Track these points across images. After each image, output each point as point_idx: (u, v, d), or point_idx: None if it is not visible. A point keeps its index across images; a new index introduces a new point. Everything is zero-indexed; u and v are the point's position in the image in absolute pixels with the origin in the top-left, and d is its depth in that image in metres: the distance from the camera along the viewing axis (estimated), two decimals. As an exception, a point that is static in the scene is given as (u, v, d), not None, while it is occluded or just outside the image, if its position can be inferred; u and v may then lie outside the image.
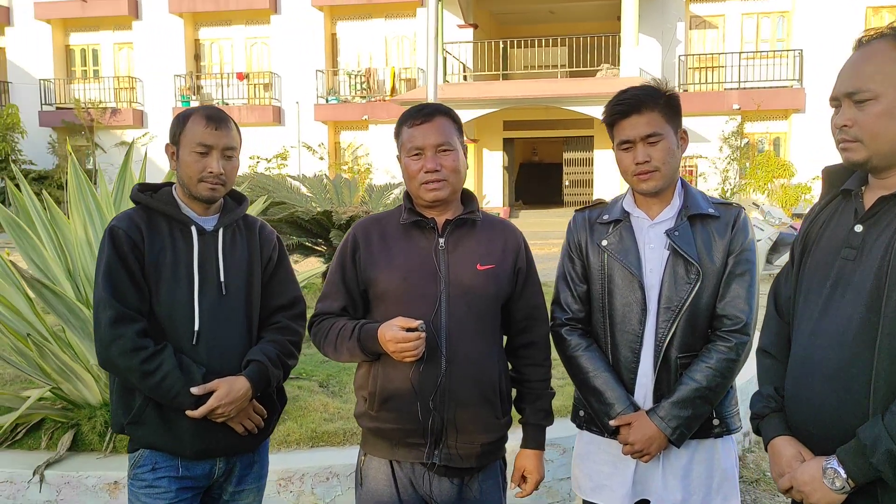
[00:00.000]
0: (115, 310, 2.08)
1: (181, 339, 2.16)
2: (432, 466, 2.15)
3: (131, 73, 24.03)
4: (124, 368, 2.10)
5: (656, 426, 2.20)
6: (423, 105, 2.23)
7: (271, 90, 22.89)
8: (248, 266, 2.30)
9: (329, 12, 22.47)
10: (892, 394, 1.57)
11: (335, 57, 22.99)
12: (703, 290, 2.22)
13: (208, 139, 2.18)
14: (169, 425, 2.16)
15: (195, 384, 2.11)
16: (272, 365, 2.24)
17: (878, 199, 1.69)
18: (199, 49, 23.91)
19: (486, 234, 2.23)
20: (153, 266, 2.15)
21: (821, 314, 1.73)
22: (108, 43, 24.36)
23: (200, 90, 23.52)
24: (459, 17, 20.91)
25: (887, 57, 1.64)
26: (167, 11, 22.99)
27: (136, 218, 2.18)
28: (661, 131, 2.21)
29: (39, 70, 24.21)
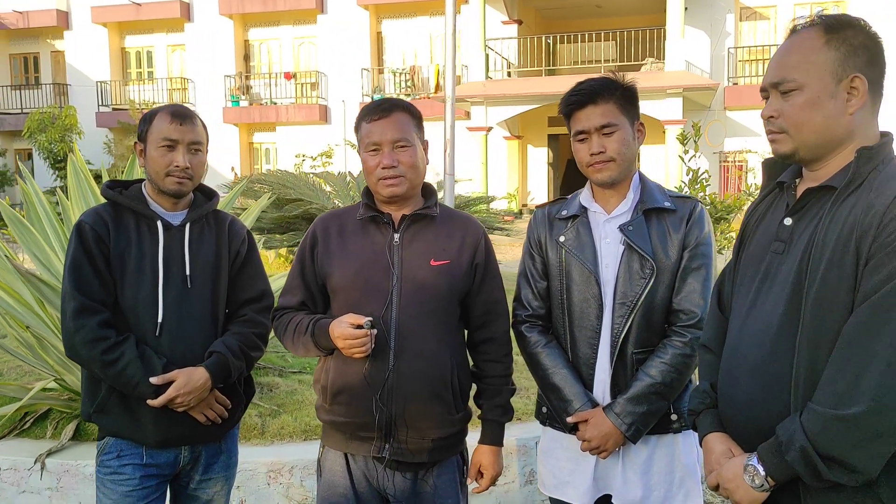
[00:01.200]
0: (79, 301, 2.15)
1: (145, 330, 2.22)
2: (383, 460, 2.16)
3: (183, 75, 24.60)
4: (87, 358, 2.17)
5: (612, 423, 2.18)
6: (383, 100, 2.24)
7: (318, 89, 23.17)
8: (215, 260, 2.34)
9: (374, 11, 22.63)
10: (811, 390, 1.52)
11: (380, 55, 23.15)
12: (658, 285, 2.19)
13: (174, 134, 2.24)
14: (132, 414, 2.22)
15: (155, 374, 2.17)
16: (233, 356, 2.29)
17: (805, 191, 1.64)
18: (248, 49, 24.34)
19: (444, 229, 2.23)
20: (118, 259, 2.22)
21: (749, 309, 1.69)
22: (161, 45, 24.99)
23: (249, 90, 23.94)
24: (504, 14, 20.83)
25: (813, 46, 1.59)
26: (218, 13, 23.45)
27: (102, 213, 2.25)
28: (615, 122, 2.19)
29: (96, 72, 24.97)
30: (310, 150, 21.93)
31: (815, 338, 1.53)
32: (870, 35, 1.60)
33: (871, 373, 1.43)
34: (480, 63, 19.25)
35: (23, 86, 26.24)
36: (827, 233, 1.54)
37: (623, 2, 20.77)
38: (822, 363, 1.52)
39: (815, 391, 1.51)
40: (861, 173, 1.56)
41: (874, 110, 1.62)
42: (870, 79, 1.58)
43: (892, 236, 1.44)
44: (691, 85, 17.34)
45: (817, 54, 1.59)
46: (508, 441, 3.53)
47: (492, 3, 20.22)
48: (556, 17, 22.86)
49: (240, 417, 2.46)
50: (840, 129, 1.59)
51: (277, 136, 23.56)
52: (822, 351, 1.52)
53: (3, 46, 26.37)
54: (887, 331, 1.43)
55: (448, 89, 5.87)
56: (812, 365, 1.54)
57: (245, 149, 24.11)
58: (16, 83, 26.45)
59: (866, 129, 1.60)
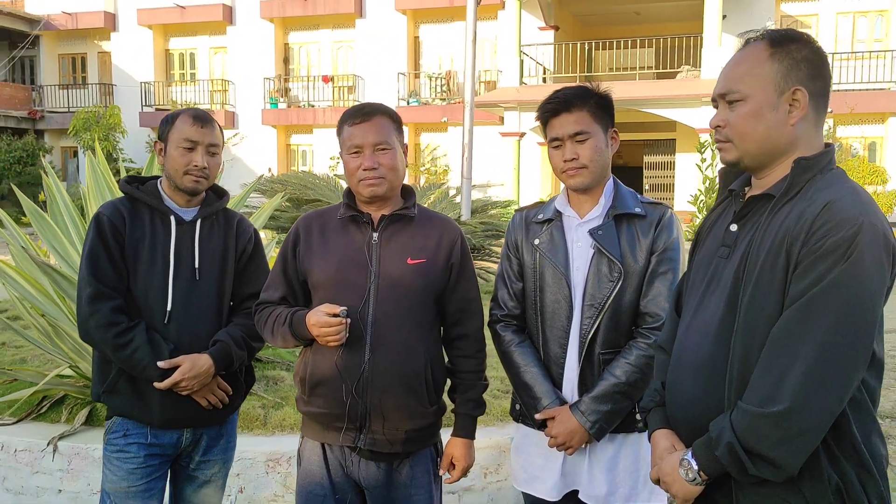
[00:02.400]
0: (94, 287, 2.32)
1: (154, 317, 2.37)
2: (357, 450, 2.26)
3: (224, 76, 25.09)
4: (99, 341, 2.33)
5: (577, 420, 2.25)
6: (364, 104, 2.33)
7: (355, 92, 23.44)
8: (222, 255, 2.50)
9: (412, 16, 22.84)
10: (743, 389, 1.59)
11: (417, 59, 23.34)
12: (625, 288, 2.26)
13: (195, 136, 2.39)
14: (140, 395, 2.37)
15: (163, 359, 2.32)
16: (236, 346, 2.44)
17: (748, 198, 1.71)
18: (288, 53, 24.73)
19: (422, 229, 2.32)
20: (132, 249, 2.37)
21: (694, 311, 1.76)
22: (204, 47, 25.52)
23: (288, 92, 24.32)
24: (540, 20, 20.86)
25: (758, 59, 1.66)
26: (259, 17, 23.89)
27: (120, 206, 2.41)
28: (588, 130, 2.26)
29: (141, 73, 25.59)
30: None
31: (747, 339, 1.60)
32: (814, 49, 1.66)
33: (793, 373, 1.49)
34: (515, 68, 19.31)
35: (70, 85, 27.00)
36: (763, 239, 1.61)
37: (661, 9, 20.66)
38: (753, 364, 1.58)
39: (745, 390, 1.58)
40: (797, 182, 1.62)
41: (818, 122, 1.68)
42: (812, 92, 1.64)
43: (818, 243, 1.50)
44: (727, 93, 17.14)
45: (761, 67, 1.65)
46: (503, 440, 3.61)
47: (528, 8, 20.27)
48: (594, 23, 22.81)
49: (239, 404, 2.61)
50: (782, 140, 1.65)
51: (314, 138, 23.89)
52: (754, 352, 1.59)
53: (52, 47, 27.16)
54: (810, 334, 1.49)
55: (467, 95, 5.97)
56: (744, 365, 1.60)
57: (283, 150, 24.49)
58: (64, 83, 27.23)
59: (809, 140, 1.66)
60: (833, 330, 1.48)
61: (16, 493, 3.59)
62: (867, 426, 1.57)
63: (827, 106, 1.69)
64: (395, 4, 22.46)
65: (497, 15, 21.66)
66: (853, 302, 1.47)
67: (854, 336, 1.48)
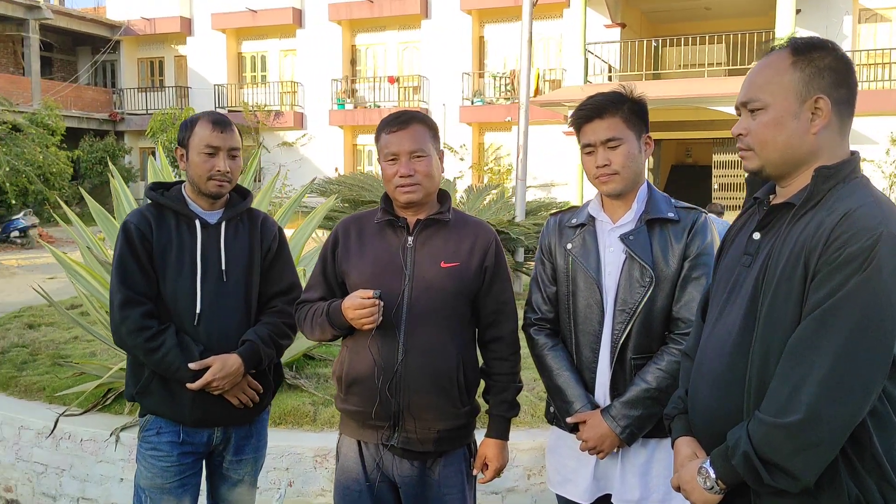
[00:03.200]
0: (124, 294, 2.39)
1: (184, 320, 2.45)
2: (392, 448, 2.32)
3: (294, 78, 25.61)
4: (132, 345, 2.41)
5: (608, 425, 2.26)
6: (401, 112, 2.40)
7: (420, 93, 23.63)
8: (248, 255, 2.55)
9: (477, 16, 22.87)
10: (761, 399, 1.58)
11: (482, 59, 23.36)
12: (657, 293, 2.26)
13: (215, 141, 2.45)
14: (172, 395, 2.45)
15: (193, 360, 2.39)
16: (264, 344, 2.50)
17: (770, 207, 1.70)
18: (355, 54, 25.08)
19: (456, 233, 2.37)
20: (160, 255, 2.44)
21: (716, 319, 1.76)
22: (274, 50, 26.10)
23: (355, 93, 24.67)
24: (607, 17, 20.60)
25: (780, 67, 1.65)
26: (327, 19, 24.28)
27: (146, 213, 2.49)
28: (620, 136, 2.27)
29: (214, 76, 26.34)
30: (410, 152, 22.46)
31: (766, 349, 1.60)
32: (838, 57, 1.64)
33: (808, 384, 1.49)
34: (580, 67, 19.13)
35: (148, 88, 27.98)
36: (782, 248, 1.61)
37: (732, 4, 20.15)
38: (771, 374, 1.58)
39: (763, 400, 1.58)
40: (818, 191, 1.60)
41: (842, 130, 1.66)
42: (835, 100, 1.63)
43: (836, 253, 1.49)
44: (800, 90, 16.63)
45: (783, 75, 1.64)
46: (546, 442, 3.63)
47: (594, 6, 20.04)
48: (663, 20, 22.40)
49: (269, 402, 2.67)
50: (803, 148, 1.64)
51: (380, 139, 24.13)
52: (772, 362, 1.58)
53: (131, 51, 28.21)
54: (826, 345, 1.48)
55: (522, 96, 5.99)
56: (762, 375, 1.60)
57: (349, 150, 24.86)
58: (142, 86, 28.24)
59: (832, 149, 1.65)
60: (849, 341, 1.47)
61: (81, 481, 3.79)
62: (890, 438, 1.55)
63: (852, 114, 1.67)
64: (460, 5, 22.53)
65: (562, 13, 21.52)
66: (870, 313, 1.46)
67: (871, 347, 1.47)
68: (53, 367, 4.55)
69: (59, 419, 3.72)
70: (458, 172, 21.53)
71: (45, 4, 25.71)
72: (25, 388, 4.32)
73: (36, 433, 3.88)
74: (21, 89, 24.51)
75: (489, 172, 21.84)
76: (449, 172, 21.81)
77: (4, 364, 4.74)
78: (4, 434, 4.01)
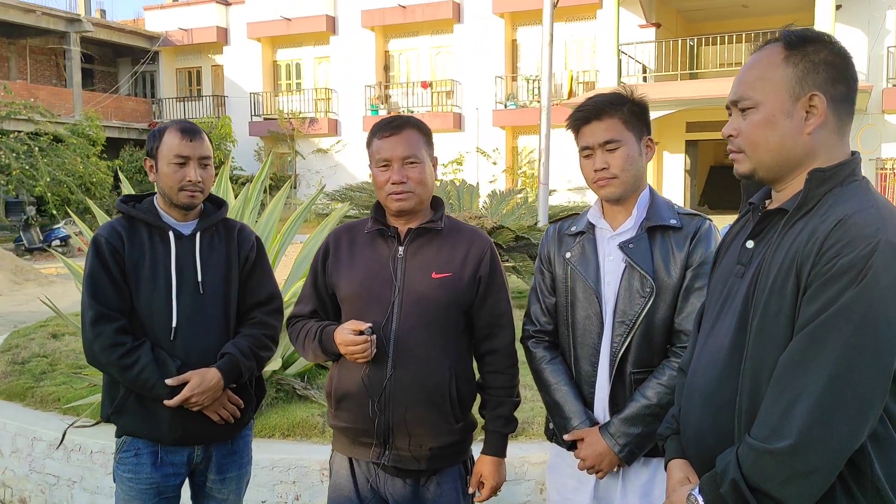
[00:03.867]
0: (95, 310, 2.31)
1: (160, 335, 2.35)
2: (383, 466, 2.24)
3: (328, 85, 25.77)
4: (105, 363, 2.31)
5: (606, 443, 2.15)
6: (394, 117, 2.31)
7: (453, 97, 23.59)
8: (225, 266, 2.46)
9: (510, 19, 22.76)
10: (752, 421, 1.46)
11: (515, 62, 23.24)
12: (658, 304, 2.15)
13: (184, 150, 2.36)
14: (148, 414, 2.35)
15: (170, 376, 2.29)
16: (243, 357, 2.40)
17: (763, 214, 1.58)
18: (388, 60, 25.15)
19: (449, 242, 2.29)
20: (133, 269, 2.36)
21: (708, 333, 1.65)
22: (308, 57, 26.31)
23: (388, 99, 24.73)
24: (641, 17, 20.34)
25: (771, 62, 1.54)
26: (360, 26, 24.41)
27: (117, 226, 2.40)
28: (619, 138, 2.17)
29: (250, 84, 26.64)
30: (443, 157, 22.44)
31: (757, 367, 1.48)
32: (835, 51, 1.52)
33: (799, 407, 1.37)
34: (613, 68, 18.90)
35: (186, 98, 28.41)
36: (773, 258, 1.49)
37: (770, 0, 19.75)
38: (762, 393, 1.46)
39: (753, 423, 1.46)
40: (813, 196, 1.48)
41: (840, 130, 1.53)
42: (832, 97, 1.50)
43: (829, 264, 1.37)
44: (841, 87, 16.20)
45: (774, 71, 1.53)
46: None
47: (628, 6, 19.81)
48: (699, 18, 22.05)
49: (251, 418, 2.58)
50: (797, 150, 1.52)
51: (414, 144, 24.14)
52: (763, 380, 1.46)
53: (170, 62, 28.69)
54: (818, 364, 1.36)
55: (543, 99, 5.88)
56: (753, 395, 1.48)
57: (383, 156, 24.89)
58: (180, 95, 28.68)
59: (829, 150, 1.52)
60: (843, 360, 1.34)
61: (92, 493, 3.78)
62: (893, 464, 1.41)
63: (852, 112, 1.54)
64: (492, 8, 22.45)
65: (595, 14, 21.30)
66: (866, 329, 1.33)
67: (867, 367, 1.34)
68: (69, 378, 4.55)
69: (70, 431, 3.70)
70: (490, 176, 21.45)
71: (85, 17, 26.28)
72: (41, 399, 4.34)
73: (48, 444, 3.88)
74: (63, 101, 25.07)
75: (522, 176, 21.68)
76: (482, 176, 21.74)
77: (24, 374, 4.77)
78: (18, 445, 4.02)
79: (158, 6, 28.43)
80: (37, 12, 24.32)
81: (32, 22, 24.35)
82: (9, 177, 18.88)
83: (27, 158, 19.18)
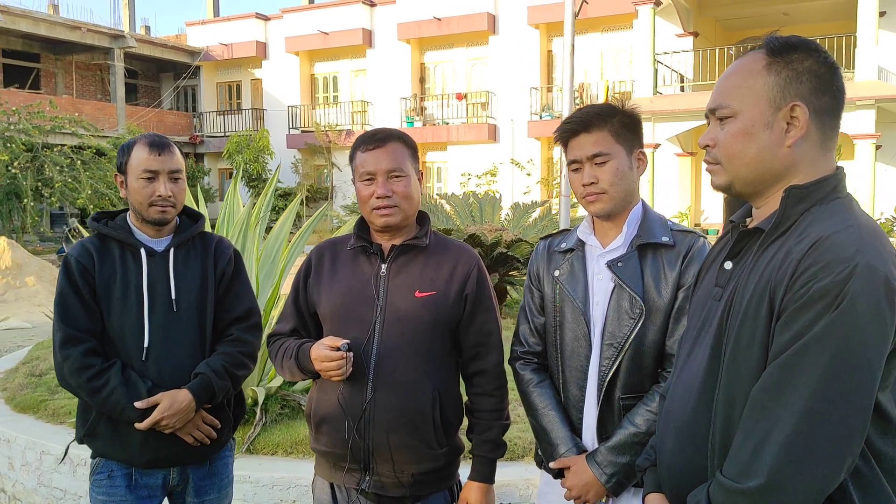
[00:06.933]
0: (64, 332, 2.26)
1: (131, 355, 2.30)
2: (364, 492, 2.16)
3: (364, 98, 25.92)
4: (75, 385, 2.27)
5: (592, 472, 2.05)
6: (377, 130, 2.25)
7: (488, 108, 23.53)
8: (201, 283, 2.40)
9: (545, 30, 22.64)
10: (726, 455, 1.35)
11: (550, 73, 23.10)
12: (648, 326, 2.04)
13: (153, 165, 2.31)
14: (120, 437, 2.30)
15: (140, 398, 2.23)
16: (217, 377, 2.33)
17: (740, 233, 1.47)
18: (424, 72, 25.21)
19: (434, 259, 2.21)
20: (104, 288, 2.31)
21: (685, 360, 1.55)
22: (345, 70, 26.50)
23: (424, 111, 24.77)
24: (678, 27, 20.07)
25: (752, 70, 1.44)
26: (396, 39, 24.52)
27: (88, 245, 2.36)
28: (608, 151, 2.07)
29: (288, 97, 26.92)
30: (477, 168, 22.40)
31: (729, 398, 1.38)
32: (820, 60, 1.41)
33: (771, 443, 1.26)
34: (649, 78, 18.66)
35: (226, 111, 28.83)
36: (747, 282, 1.38)
37: (812, 8, 19.33)
38: (735, 427, 1.35)
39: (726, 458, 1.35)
40: (790, 215, 1.37)
41: (824, 144, 1.42)
42: (816, 108, 1.40)
43: (803, 289, 1.26)
44: (885, 96, 15.78)
45: (755, 79, 1.42)
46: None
47: (665, 16, 19.56)
48: (738, 27, 21.69)
49: (228, 438, 2.50)
50: (776, 163, 1.41)
51: (448, 155, 24.17)
52: (736, 413, 1.36)
53: (211, 76, 29.15)
54: (790, 397, 1.25)
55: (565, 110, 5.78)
56: (726, 428, 1.38)
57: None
58: (220, 109, 29.12)
59: (812, 164, 1.41)
60: (817, 394, 1.23)
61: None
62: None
63: (838, 125, 1.43)
64: (527, 19, 22.37)
65: (632, 24, 21.06)
66: (843, 360, 1.22)
67: (844, 401, 1.22)
68: (82, 391, 4.57)
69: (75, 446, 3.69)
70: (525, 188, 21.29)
71: (129, 33, 26.87)
72: (53, 413, 4.36)
73: (55, 458, 3.88)
74: (107, 115, 25.63)
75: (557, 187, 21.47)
76: (516, 188, 21.62)
77: (40, 387, 4.80)
78: (28, 458, 4.04)
79: (200, 22, 28.93)
80: (82, 29, 24.94)
81: (78, 38, 24.97)
82: (52, 189, 19.30)
83: (70, 171, 19.61)
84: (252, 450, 3.72)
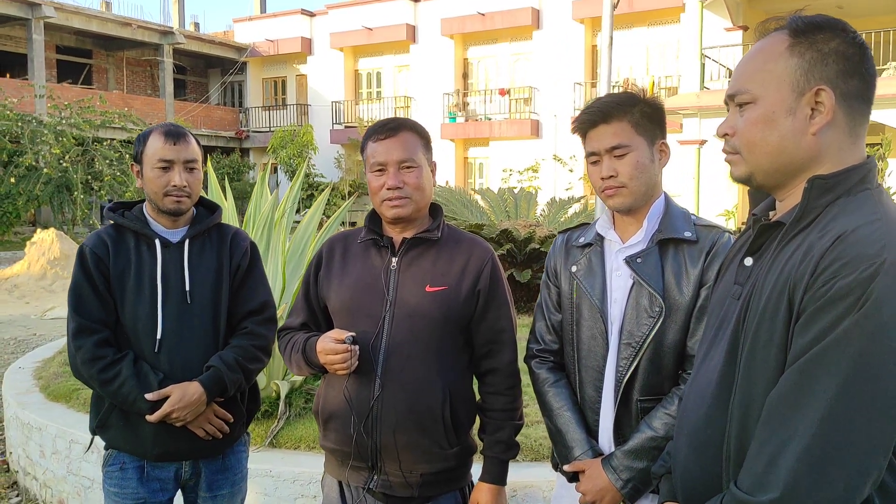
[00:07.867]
0: (77, 322, 2.26)
1: (144, 347, 2.28)
2: (372, 491, 2.11)
3: (407, 93, 25.94)
4: (87, 376, 2.26)
5: (608, 477, 1.96)
6: (389, 119, 2.19)
7: (531, 104, 23.33)
8: (216, 274, 2.37)
9: (590, 24, 22.36)
10: (741, 464, 1.26)
11: (594, 68, 22.80)
12: (668, 325, 1.94)
13: (168, 154, 2.29)
14: (132, 429, 2.29)
15: (151, 390, 2.22)
16: (229, 370, 2.30)
17: (760, 227, 1.36)
18: (467, 67, 25.12)
19: (446, 253, 2.15)
20: (118, 279, 2.30)
21: (701, 361, 1.45)
22: (389, 66, 26.56)
23: (466, 106, 24.68)
24: (727, 20, 19.62)
25: (773, 52, 1.33)
26: (440, 34, 24.48)
27: (103, 236, 2.34)
28: (627, 143, 1.97)
29: (332, 93, 27.09)
30: (519, 164, 22.23)
31: (745, 405, 1.28)
32: (848, 40, 1.30)
33: (788, 454, 1.16)
34: (696, 72, 18.28)
35: (272, 107, 29.14)
36: (766, 280, 1.28)
37: (866, 2, 18.73)
38: (751, 434, 1.25)
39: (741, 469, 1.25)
40: (813, 207, 1.27)
41: (852, 131, 1.31)
42: (843, 92, 1.28)
43: (824, 287, 1.16)
44: (944, 90, 15.18)
45: (777, 62, 1.32)
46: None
47: (714, 9, 19.13)
48: (789, 21, 21.12)
49: (242, 432, 2.47)
50: (799, 152, 1.31)
51: (490, 151, 24.05)
52: (752, 420, 1.26)
53: (257, 72, 29.48)
54: (809, 404, 1.15)
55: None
56: (741, 436, 1.28)
57: (460, 163, 24.87)
58: (266, 104, 29.44)
59: (839, 153, 1.30)
60: (838, 401, 1.13)
61: None
62: None
63: (868, 111, 1.32)
64: (572, 14, 22.12)
65: (679, 18, 20.67)
66: (867, 363, 1.12)
67: (867, 409, 1.12)
68: (113, 381, 4.60)
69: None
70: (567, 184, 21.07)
71: (178, 30, 27.30)
72: (85, 402, 4.38)
73: (83, 447, 3.91)
74: (156, 110, 26.10)
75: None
76: (559, 184, 21.40)
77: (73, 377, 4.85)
78: (58, 447, 4.08)
79: (247, 18, 29.27)
80: (133, 25, 25.43)
81: (129, 35, 25.47)
82: (101, 182, 19.72)
83: (119, 165, 20.01)
84: (275, 444, 3.69)
